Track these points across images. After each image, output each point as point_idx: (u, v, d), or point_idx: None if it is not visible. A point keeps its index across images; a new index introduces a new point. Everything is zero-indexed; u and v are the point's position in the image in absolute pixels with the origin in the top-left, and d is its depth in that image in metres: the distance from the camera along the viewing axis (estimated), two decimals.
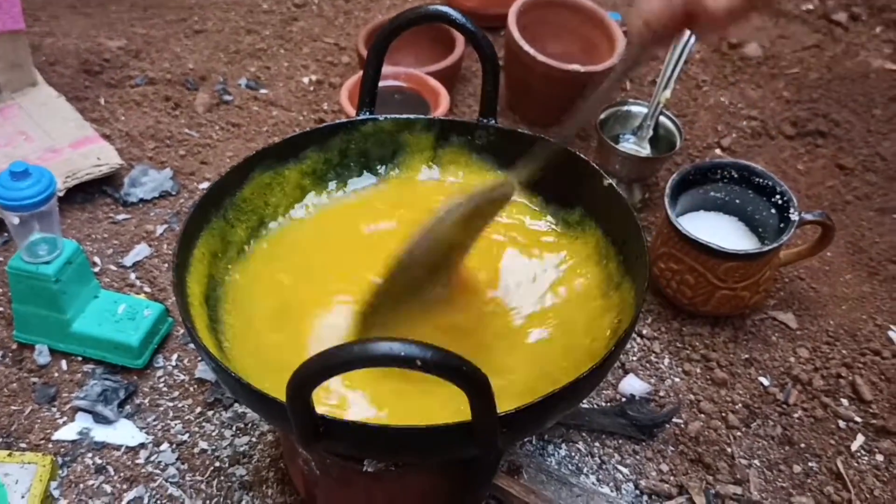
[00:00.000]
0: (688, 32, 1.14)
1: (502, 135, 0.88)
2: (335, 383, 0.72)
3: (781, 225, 1.06)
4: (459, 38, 1.35)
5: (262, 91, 1.41)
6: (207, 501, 0.89)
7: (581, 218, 0.85)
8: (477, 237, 0.80)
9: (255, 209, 0.84)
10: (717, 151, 1.36)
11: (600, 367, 0.65)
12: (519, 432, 0.67)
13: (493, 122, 0.88)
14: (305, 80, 1.43)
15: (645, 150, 1.23)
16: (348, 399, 0.71)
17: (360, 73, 1.24)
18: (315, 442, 0.60)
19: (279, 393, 0.58)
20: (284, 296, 0.80)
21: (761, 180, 1.09)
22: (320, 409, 0.58)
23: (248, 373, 0.72)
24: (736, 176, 1.10)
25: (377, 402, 0.71)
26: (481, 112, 0.88)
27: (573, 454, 0.95)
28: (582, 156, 0.84)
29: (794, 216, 1.04)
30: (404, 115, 0.89)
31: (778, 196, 1.07)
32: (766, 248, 1.02)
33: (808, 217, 1.05)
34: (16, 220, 0.91)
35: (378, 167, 0.90)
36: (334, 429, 0.60)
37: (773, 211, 1.08)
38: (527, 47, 1.25)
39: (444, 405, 0.62)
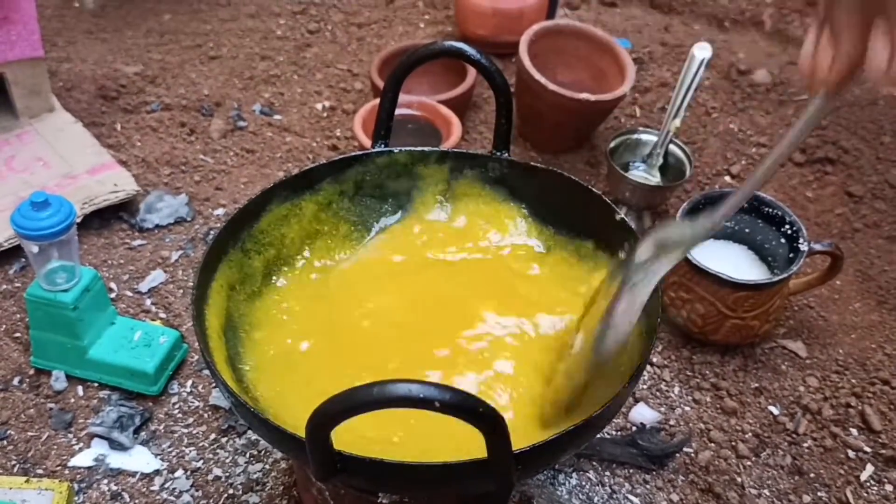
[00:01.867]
0: (698, 58, 1.17)
1: (515, 167, 0.89)
2: None
3: (791, 255, 1.07)
4: (471, 67, 1.36)
5: (276, 117, 1.42)
6: None
7: (594, 250, 0.86)
8: None
9: (271, 241, 0.85)
10: (727, 178, 1.37)
11: (614, 403, 0.66)
12: (533, 468, 0.68)
13: (507, 154, 0.89)
14: (319, 106, 1.45)
15: (655, 179, 1.24)
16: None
17: (374, 100, 1.26)
18: (332, 477, 0.61)
19: (297, 423, 0.59)
20: (302, 336, 0.81)
21: (771, 210, 1.10)
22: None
23: (265, 404, 0.74)
24: (745, 205, 1.11)
25: (389, 420, 0.72)
26: (495, 145, 0.89)
27: (584, 483, 0.95)
28: (594, 189, 0.85)
29: (804, 246, 1.05)
30: (419, 148, 0.90)
31: (787, 226, 1.08)
32: (777, 279, 1.02)
33: (818, 247, 1.06)
34: (35, 249, 0.92)
35: (393, 201, 0.92)
36: (352, 464, 0.61)
37: (782, 241, 1.09)
38: (537, 76, 1.27)
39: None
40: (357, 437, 0.63)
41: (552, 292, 0.85)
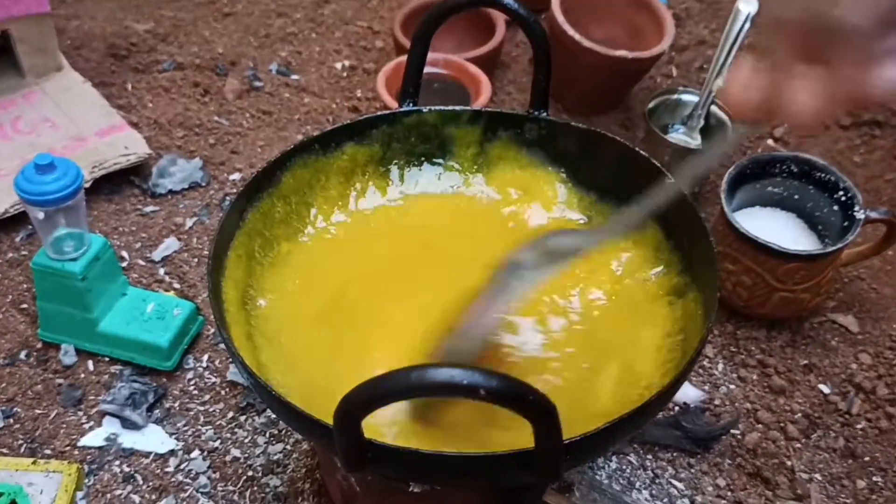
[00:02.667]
0: (743, 13, 1.09)
1: (555, 128, 0.82)
2: None
3: (845, 223, 0.99)
4: (500, 22, 1.28)
5: (294, 77, 1.35)
6: None
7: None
8: None
9: (293, 206, 0.79)
10: (769, 142, 1.29)
11: (670, 389, 0.60)
12: (582, 459, 0.62)
13: (545, 113, 0.83)
14: (338, 65, 1.38)
15: (696, 141, 1.17)
16: None
17: (397, 59, 1.19)
18: (362, 467, 0.56)
19: (321, 403, 0.54)
20: (327, 299, 0.75)
21: (823, 175, 1.02)
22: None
23: (287, 384, 0.68)
24: (796, 170, 1.04)
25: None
26: (532, 103, 0.83)
27: (624, 467, 0.90)
28: (640, 151, 0.78)
29: (860, 214, 0.98)
30: (449, 107, 0.83)
31: (841, 192, 1.01)
32: (831, 249, 0.96)
33: (874, 215, 0.98)
34: (41, 215, 0.87)
35: (422, 162, 0.85)
36: (384, 455, 0.55)
37: (835, 208, 1.02)
38: (571, 32, 1.19)
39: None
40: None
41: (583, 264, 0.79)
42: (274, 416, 0.91)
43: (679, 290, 0.73)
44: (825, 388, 0.99)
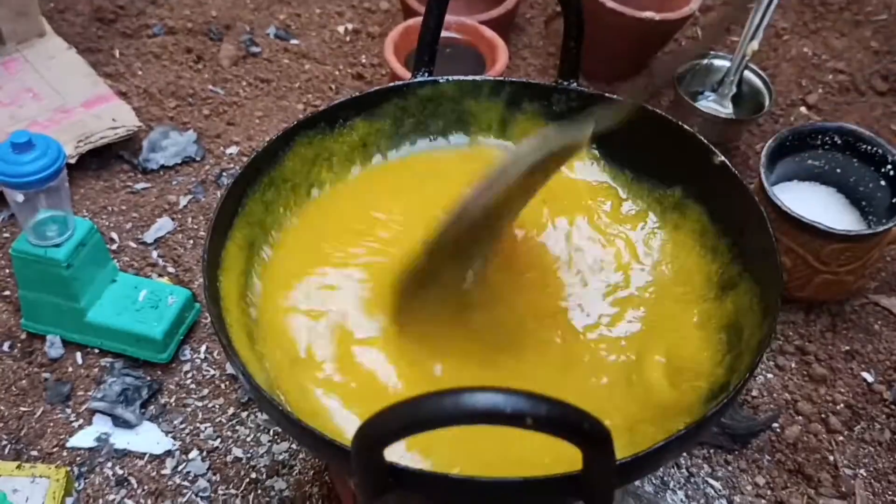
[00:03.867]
0: None
1: (587, 100, 0.74)
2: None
3: (894, 200, 0.92)
4: None
5: (293, 42, 1.26)
6: None
7: (681, 199, 0.72)
8: (531, 197, 0.66)
9: (295, 187, 0.72)
10: (802, 110, 1.21)
11: (735, 395, 0.53)
12: (630, 479, 0.55)
13: (575, 83, 0.75)
14: (341, 29, 1.29)
15: (727, 110, 1.09)
16: None
17: (405, 22, 1.10)
18: (382, 494, 0.49)
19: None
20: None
21: (870, 147, 0.95)
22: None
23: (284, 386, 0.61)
24: (839, 142, 0.96)
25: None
26: (560, 72, 0.75)
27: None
28: (686, 126, 0.70)
29: None
30: (469, 77, 0.75)
31: (889, 166, 0.93)
32: (882, 229, 0.88)
33: None
34: (19, 198, 0.79)
35: (439, 139, 0.77)
36: (408, 479, 0.48)
37: (882, 183, 0.94)
38: None
39: None
40: None
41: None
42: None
43: (729, 283, 0.65)
44: (868, 377, 0.92)
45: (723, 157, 0.67)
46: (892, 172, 0.93)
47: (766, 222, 0.61)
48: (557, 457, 0.45)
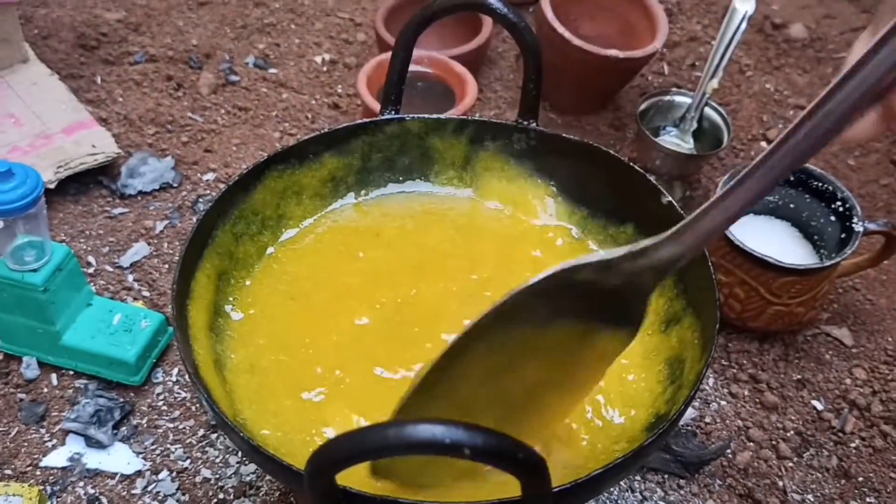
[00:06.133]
0: (740, 12, 1.05)
1: (545, 140, 0.78)
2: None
3: (843, 235, 0.96)
4: (487, 18, 1.24)
5: (272, 71, 1.30)
6: None
7: (634, 236, 0.75)
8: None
9: (265, 220, 0.75)
10: (763, 144, 1.26)
11: (670, 426, 0.56)
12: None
13: (535, 123, 0.78)
14: (318, 59, 1.33)
15: (688, 145, 1.13)
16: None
17: (379, 56, 1.14)
18: None
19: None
20: (293, 321, 0.71)
21: (820, 184, 0.99)
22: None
23: (250, 413, 0.64)
24: (792, 178, 1.00)
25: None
26: (521, 112, 0.78)
27: (611, 490, 0.86)
28: (636, 167, 0.74)
29: (859, 226, 0.94)
30: (433, 115, 0.79)
31: (839, 202, 0.97)
32: (829, 263, 0.92)
33: (873, 227, 0.95)
34: None
35: (404, 175, 0.81)
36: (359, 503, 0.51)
37: (832, 218, 0.98)
38: (560, 29, 1.15)
39: None
40: None
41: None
42: None
43: (674, 318, 0.69)
44: (818, 405, 0.96)
45: (670, 198, 0.71)
46: (841, 208, 0.97)
47: (706, 260, 0.65)
48: None
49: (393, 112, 0.78)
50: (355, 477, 0.57)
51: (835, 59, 1.41)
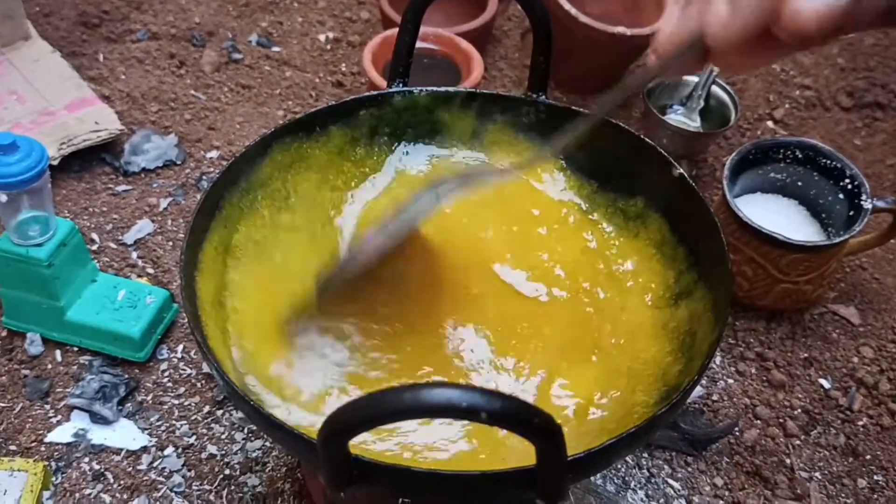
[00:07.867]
0: None
1: (554, 113, 0.77)
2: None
3: (851, 212, 0.96)
4: None
5: (275, 49, 1.29)
6: None
7: (643, 209, 0.75)
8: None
9: (272, 193, 0.74)
10: (769, 124, 1.25)
11: (683, 396, 0.55)
12: (586, 474, 0.58)
13: (544, 96, 0.78)
14: (322, 37, 1.32)
15: (695, 124, 1.12)
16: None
17: (383, 32, 1.13)
18: (347, 485, 0.51)
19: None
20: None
21: (828, 162, 0.98)
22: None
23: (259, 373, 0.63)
24: (800, 156, 1.00)
25: None
26: (530, 85, 0.78)
27: (619, 466, 0.86)
28: (647, 139, 0.73)
29: (867, 204, 0.94)
30: (442, 88, 0.78)
31: (847, 180, 0.97)
32: (837, 241, 0.92)
33: (881, 204, 0.95)
34: (3, 198, 0.81)
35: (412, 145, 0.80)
36: (371, 472, 0.51)
37: (840, 196, 0.98)
38: (567, 6, 1.13)
39: None
40: None
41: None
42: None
43: (685, 290, 0.68)
44: (826, 383, 0.95)
45: (681, 170, 0.70)
46: (849, 186, 0.96)
47: (719, 232, 0.65)
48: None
49: (401, 85, 0.77)
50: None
51: (839, 40, 1.40)
